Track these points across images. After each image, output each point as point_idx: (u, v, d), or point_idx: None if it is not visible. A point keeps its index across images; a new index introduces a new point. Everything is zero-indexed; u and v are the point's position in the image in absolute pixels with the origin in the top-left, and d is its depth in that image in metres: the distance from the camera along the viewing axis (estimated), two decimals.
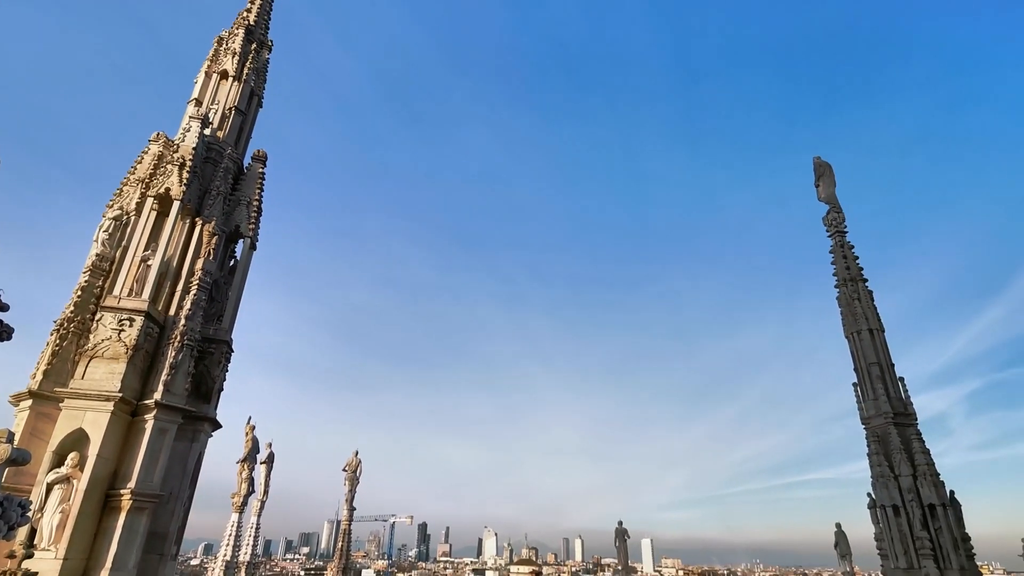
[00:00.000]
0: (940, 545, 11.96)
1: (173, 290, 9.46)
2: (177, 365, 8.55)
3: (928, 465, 12.75)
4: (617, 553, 25.28)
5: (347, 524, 21.25)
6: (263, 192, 11.00)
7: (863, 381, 14.27)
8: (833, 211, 15.97)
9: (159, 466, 8.20)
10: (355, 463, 21.68)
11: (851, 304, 14.78)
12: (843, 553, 23.90)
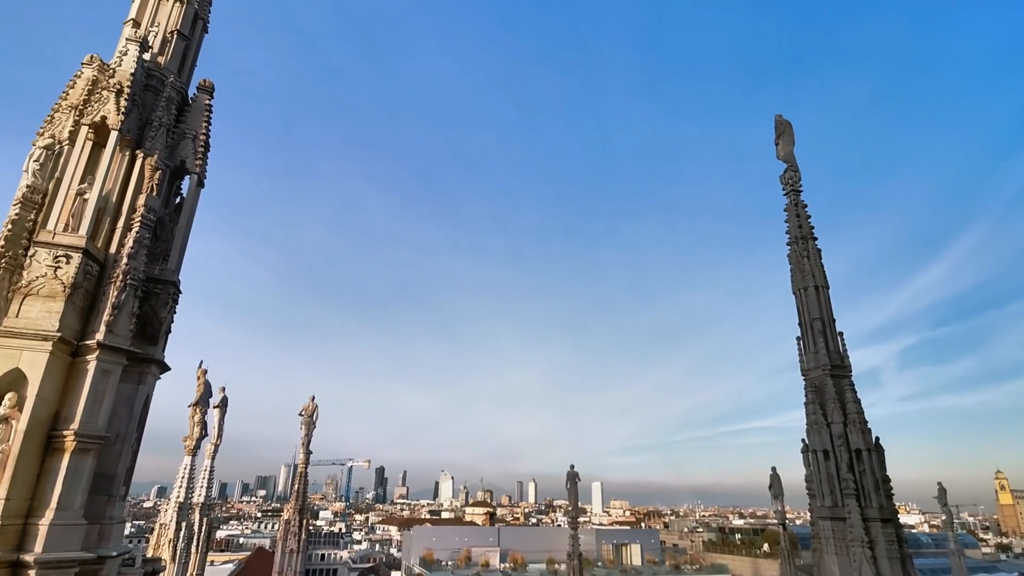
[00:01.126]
0: (863, 486, 12.95)
1: (113, 227, 8.95)
2: (120, 305, 8.19)
3: (858, 414, 13.65)
4: (568, 495, 26.35)
5: (303, 467, 21.42)
6: (210, 126, 10.40)
7: (806, 335, 14.99)
8: (790, 170, 16.32)
9: (104, 408, 7.96)
10: (311, 408, 21.69)
11: (800, 261, 15.36)
12: (776, 494, 25.79)
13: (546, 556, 62.38)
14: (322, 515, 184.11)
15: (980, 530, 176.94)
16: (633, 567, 64.92)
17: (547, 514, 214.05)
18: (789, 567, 25.33)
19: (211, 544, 23.24)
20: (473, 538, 73.14)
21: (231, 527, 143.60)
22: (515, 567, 61.41)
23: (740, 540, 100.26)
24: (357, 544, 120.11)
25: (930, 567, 60.22)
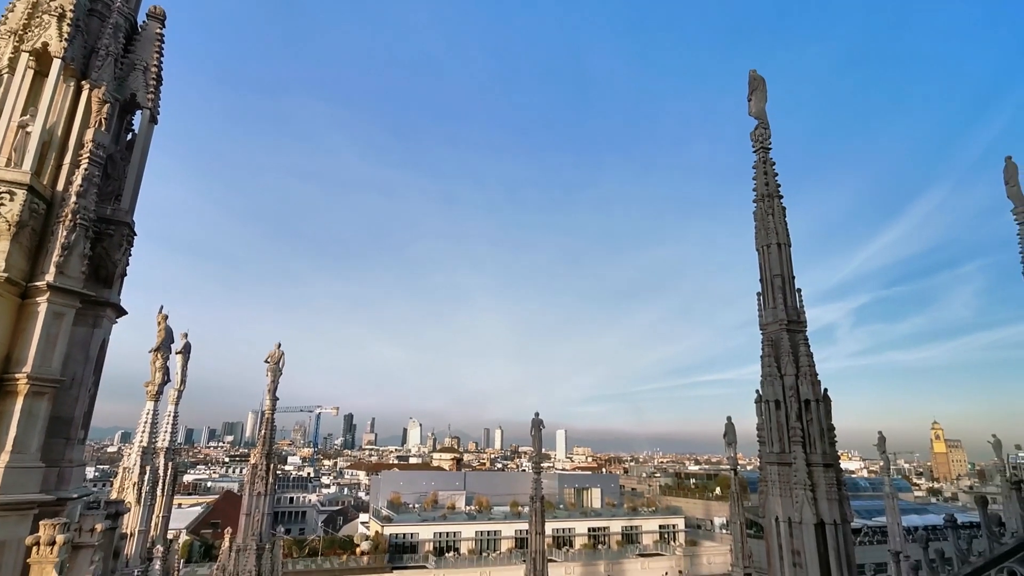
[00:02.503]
0: (809, 434, 13.67)
1: (60, 163, 8.49)
2: (70, 246, 7.87)
3: (810, 367, 14.26)
4: (532, 442, 27.14)
5: (270, 414, 21.46)
6: (162, 57, 9.80)
7: (766, 291, 15.40)
8: (761, 127, 16.34)
9: (57, 351, 7.76)
10: (277, 355, 21.57)
11: (765, 219, 15.59)
12: (730, 441, 27.15)
13: (510, 499, 64.77)
14: (290, 460, 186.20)
15: (914, 476, 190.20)
16: (593, 509, 68.02)
17: (512, 460, 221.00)
18: (738, 508, 26.94)
19: (177, 488, 23.36)
20: (440, 482, 75.29)
21: (198, 472, 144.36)
22: (480, 510, 63.71)
23: (694, 484, 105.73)
24: (326, 488, 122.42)
25: (866, 508, 64.79)
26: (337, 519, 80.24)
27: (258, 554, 19.52)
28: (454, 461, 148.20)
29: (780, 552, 13.69)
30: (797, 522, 13.38)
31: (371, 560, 50.52)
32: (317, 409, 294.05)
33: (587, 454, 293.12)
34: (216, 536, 47.19)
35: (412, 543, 55.55)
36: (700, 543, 63.34)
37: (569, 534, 61.22)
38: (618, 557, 57.37)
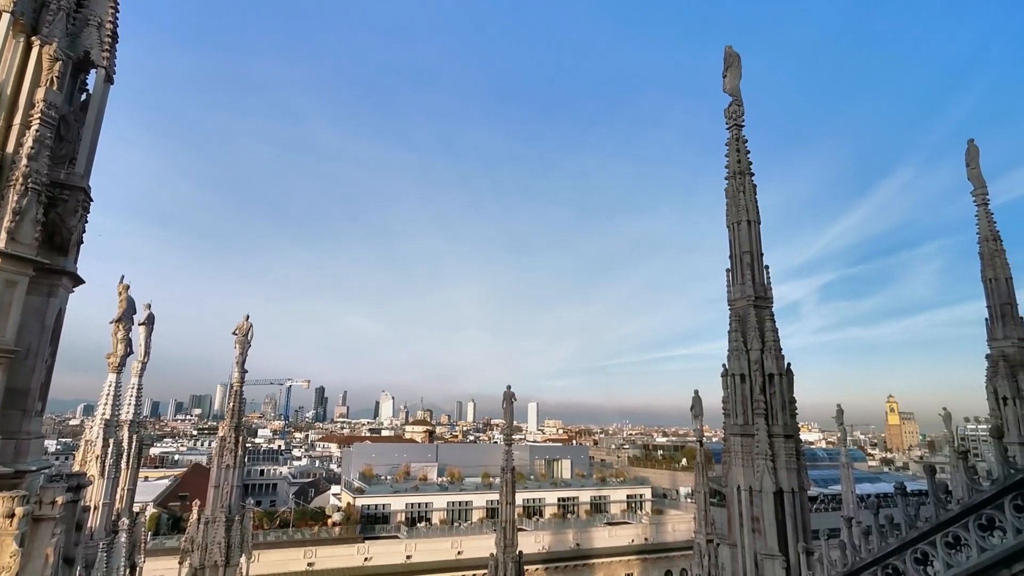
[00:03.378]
0: (771, 406, 14.13)
1: (9, 124, 8.03)
2: (22, 211, 7.50)
3: (775, 342, 14.67)
4: (504, 414, 27.40)
5: (239, 386, 21.17)
6: (118, 13, 9.28)
7: (735, 268, 15.70)
8: (735, 104, 16.44)
9: (11, 321, 7.45)
10: (246, 327, 21.18)
11: (736, 196, 15.81)
12: (696, 414, 27.89)
13: (482, 471, 65.70)
14: (261, 433, 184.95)
15: (869, 447, 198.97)
16: (563, 480, 69.51)
17: (485, 432, 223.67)
18: (702, 478, 27.86)
19: (143, 461, 22.99)
20: (412, 454, 75.85)
21: (165, 445, 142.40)
22: (452, 480, 64.53)
23: (662, 456, 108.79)
24: (297, 460, 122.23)
25: (823, 477, 67.68)
26: (309, 491, 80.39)
27: (227, 526, 19.43)
28: (426, 434, 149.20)
29: (740, 519, 14.25)
30: (757, 490, 13.91)
31: (343, 531, 50.91)
32: (288, 382, 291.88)
33: (558, 426, 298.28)
34: (184, 509, 46.89)
35: (384, 514, 56.10)
36: (666, 512, 65.45)
37: (539, 504, 62.55)
38: (586, 526, 58.93)
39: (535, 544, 52.68)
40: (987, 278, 19.66)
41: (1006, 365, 18.60)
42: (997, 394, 18.55)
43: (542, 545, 53.37)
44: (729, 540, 14.75)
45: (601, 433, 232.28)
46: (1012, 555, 9.05)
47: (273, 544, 46.50)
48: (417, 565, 48.06)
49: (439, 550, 49.79)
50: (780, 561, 13.22)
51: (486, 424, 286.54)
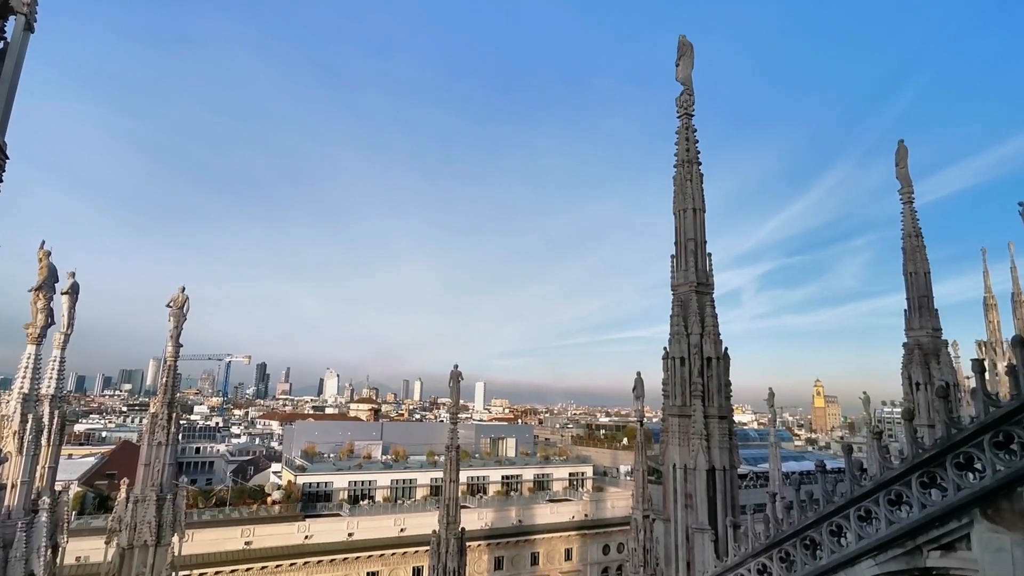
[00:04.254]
0: (708, 389, 14.72)
1: None
2: None
3: (714, 327, 15.24)
4: (451, 393, 27.46)
5: (172, 361, 20.29)
6: None
7: (679, 254, 16.16)
8: (686, 93, 16.76)
9: None
10: (181, 299, 20.26)
11: (683, 184, 16.22)
12: (638, 395, 28.75)
13: (427, 449, 65.80)
14: (197, 410, 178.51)
15: (796, 427, 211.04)
16: (507, 458, 70.54)
17: (431, 411, 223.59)
18: (641, 457, 28.86)
19: (66, 437, 21.80)
20: (356, 432, 75.06)
21: (92, 421, 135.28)
22: (396, 459, 64.37)
23: (604, 435, 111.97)
24: (236, 438, 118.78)
25: (753, 456, 71.40)
26: (247, 469, 78.40)
27: (159, 504, 18.77)
28: (372, 412, 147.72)
29: (675, 495, 14.89)
30: (692, 468, 14.55)
31: (283, 509, 50.07)
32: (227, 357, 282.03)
33: (505, 406, 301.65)
34: (112, 487, 44.84)
35: (326, 492, 55.48)
36: (606, 489, 67.58)
37: (483, 482, 63.32)
38: (529, 503, 60.15)
39: (478, 521, 53.40)
40: (908, 272, 21.01)
41: (920, 353, 20.05)
42: (911, 380, 20.01)
43: (485, 522, 54.19)
44: (664, 515, 15.40)
45: (546, 412, 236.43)
46: (917, 527, 9.85)
47: (208, 523, 45.25)
48: (359, 542, 47.93)
49: (382, 527, 49.78)
50: (709, 534, 13.93)
51: (433, 403, 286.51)
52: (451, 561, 23.55)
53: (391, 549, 48.72)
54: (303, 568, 45.56)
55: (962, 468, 9.51)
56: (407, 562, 49.50)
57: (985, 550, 9.05)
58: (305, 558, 45.36)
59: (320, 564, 46.12)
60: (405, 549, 49.12)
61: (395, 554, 48.86)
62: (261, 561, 43.81)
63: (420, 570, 47.85)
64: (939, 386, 13.36)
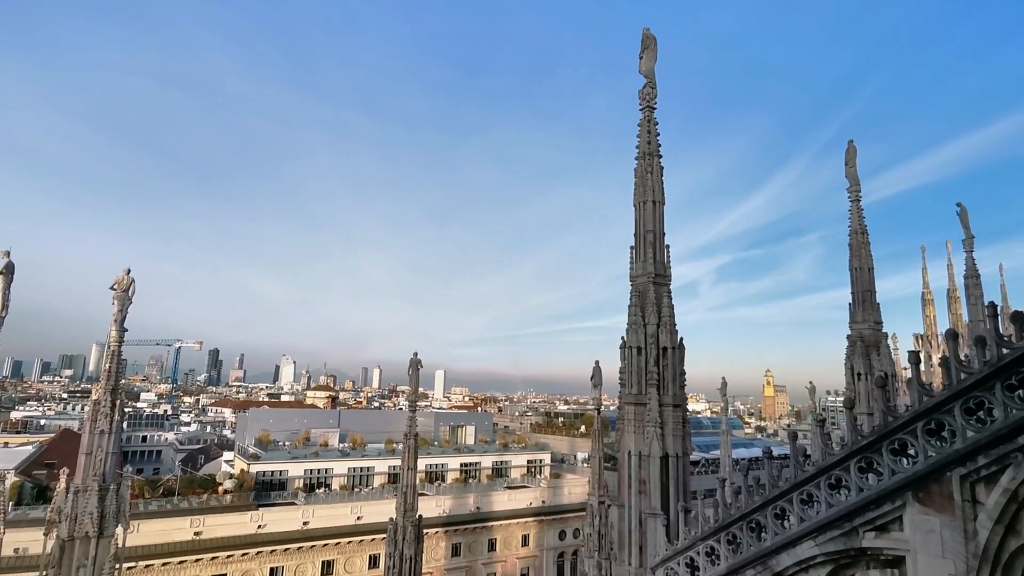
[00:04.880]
0: (663, 378, 15.06)
1: None
2: None
3: (670, 317, 15.57)
4: (410, 381, 27.27)
5: (116, 345, 19.44)
6: None
7: (639, 246, 16.41)
8: (648, 86, 16.93)
9: None
10: (126, 281, 19.38)
11: (644, 177, 16.43)
12: (596, 383, 29.11)
13: (386, 437, 65.32)
14: (144, 397, 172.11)
15: (747, 416, 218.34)
16: (466, 446, 70.71)
17: (390, 399, 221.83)
18: (598, 444, 29.35)
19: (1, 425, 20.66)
20: (313, 420, 73.83)
21: (30, 408, 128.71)
22: (354, 447, 63.67)
23: (562, 423, 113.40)
24: (185, 426, 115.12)
25: (706, 443, 73.69)
26: (198, 458, 76.17)
27: (101, 495, 18.02)
28: (329, 399, 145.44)
29: (629, 481, 15.23)
30: (646, 455, 14.90)
31: (235, 498, 48.87)
32: (177, 343, 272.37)
33: (465, 394, 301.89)
34: (51, 477, 42.89)
35: (281, 480, 54.43)
36: (563, 476, 68.59)
37: (442, 469, 63.33)
38: (487, 490, 60.53)
39: (436, 508, 53.46)
40: (853, 267, 21.92)
41: (862, 345, 21.00)
42: (853, 370, 20.96)
43: (443, 509, 54.28)
44: (619, 501, 15.75)
45: (506, 401, 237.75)
46: (854, 510, 10.36)
47: (155, 513, 43.81)
48: (314, 531, 47.31)
49: (338, 516, 49.24)
50: (661, 519, 14.32)
51: (392, 391, 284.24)
52: (408, 548, 23.51)
53: (347, 537, 48.30)
54: (256, 558, 44.72)
55: (897, 454, 10.04)
56: (363, 550, 49.20)
57: (916, 531, 9.60)
58: (258, 548, 44.52)
59: (274, 554, 45.37)
60: (362, 537, 48.77)
61: (351, 542, 48.48)
62: (211, 552, 42.78)
63: (376, 558, 47.65)
64: (878, 376, 14.04)
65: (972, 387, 9.07)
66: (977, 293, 32.97)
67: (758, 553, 11.81)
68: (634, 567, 14.58)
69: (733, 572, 12.24)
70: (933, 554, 9.32)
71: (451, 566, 53.31)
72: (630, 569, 14.65)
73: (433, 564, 51.41)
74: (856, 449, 10.49)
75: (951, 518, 9.14)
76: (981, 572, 8.80)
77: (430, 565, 50.16)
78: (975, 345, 9.20)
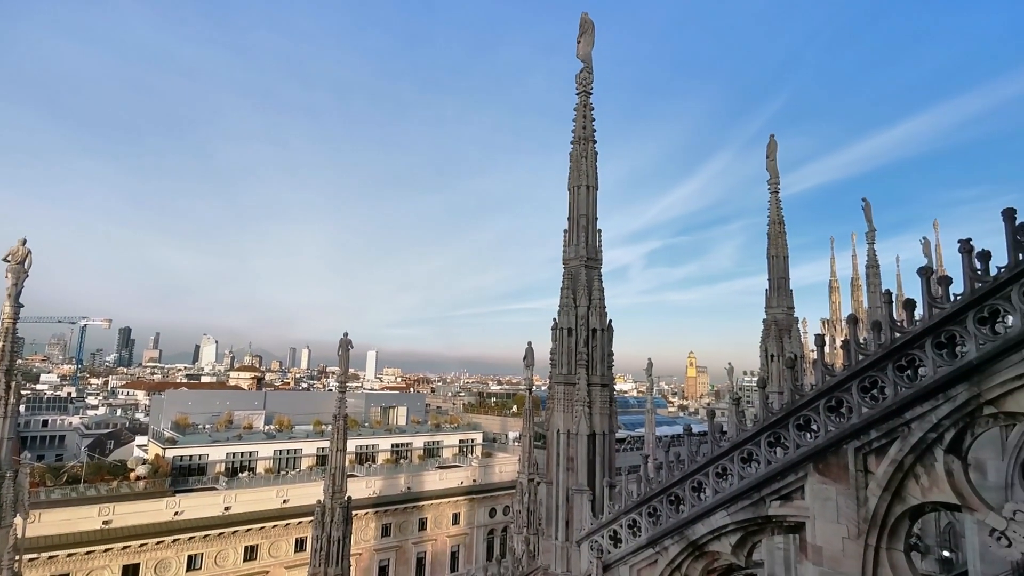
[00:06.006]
0: (592, 358, 15.50)
1: None
2: None
3: (600, 300, 15.99)
4: (340, 361, 26.70)
5: (11, 323, 17.86)
6: None
7: (572, 229, 16.67)
8: (585, 71, 17.07)
9: None
10: (22, 252, 17.75)
11: (579, 161, 16.65)
12: (528, 364, 29.62)
13: (314, 419, 63.73)
14: (44, 378, 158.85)
15: (671, 395, 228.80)
16: (398, 427, 70.18)
17: (319, 380, 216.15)
18: (529, 423, 29.95)
19: None
20: (237, 402, 70.72)
21: None
22: (281, 429, 61.72)
23: (495, 403, 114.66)
24: (92, 409, 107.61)
25: (632, 422, 76.76)
26: (107, 443, 71.39)
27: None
28: (254, 380, 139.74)
29: (558, 459, 15.65)
30: (574, 433, 15.33)
31: (149, 485, 46.35)
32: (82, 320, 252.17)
33: (397, 375, 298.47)
34: None
35: (200, 465, 52.03)
36: (495, 455, 69.50)
37: (373, 450, 62.64)
38: (418, 470, 60.49)
39: (366, 489, 52.94)
40: (770, 255, 23.29)
41: (776, 329, 22.45)
42: (767, 352, 22.40)
43: (373, 490, 53.82)
44: (547, 478, 16.15)
45: (439, 381, 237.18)
46: (763, 481, 11.13)
47: (59, 502, 40.89)
48: (236, 516, 45.71)
49: (263, 500, 47.78)
50: (587, 495, 14.84)
51: (321, 372, 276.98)
52: (336, 530, 23.18)
53: (272, 522, 47.03)
54: (172, 546, 42.76)
55: (802, 429, 10.84)
56: (289, 534, 48.10)
57: (815, 499, 10.45)
58: (174, 535, 42.56)
59: (192, 541, 43.53)
60: (288, 521, 47.64)
61: (276, 526, 47.26)
62: (122, 540, 40.51)
63: (303, 541, 46.73)
64: (788, 357, 15.13)
65: (867, 367, 9.90)
66: (876, 282, 35.90)
67: (676, 523, 12.48)
68: (560, 541, 15.05)
69: (653, 542, 12.89)
70: (829, 519, 10.19)
71: (381, 546, 53.13)
72: (556, 543, 15.11)
73: (363, 545, 51.04)
74: (766, 425, 11.24)
75: (846, 487, 9.99)
76: (870, 534, 9.71)
77: (359, 546, 49.77)
78: (872, 329, 10.02)
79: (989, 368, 8.52)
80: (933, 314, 9.21)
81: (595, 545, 14.19)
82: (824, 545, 10.21)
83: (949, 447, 9.14)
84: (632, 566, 13.39)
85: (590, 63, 17.33)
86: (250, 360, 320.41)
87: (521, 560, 18.14)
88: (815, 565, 10.30)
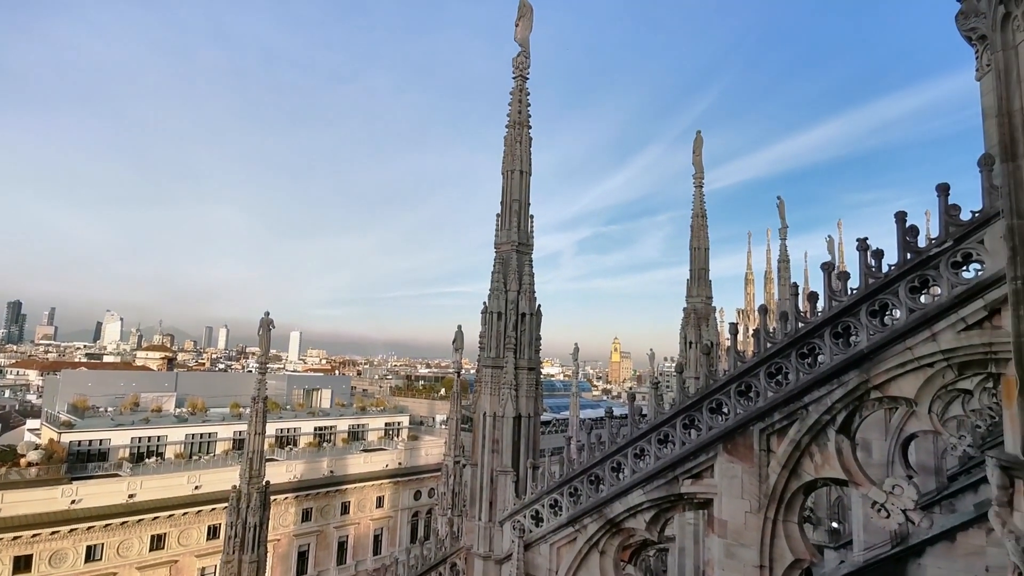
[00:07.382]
0: (520, 342, 15.71)
1: None
2: None
3: (530, 285, 16.18)
4: (260, 342, 25.65)
5: None
6: None
7: (504, 214, 16.69)
8: (523, 55, 17.00)
9: None
10: None
11: (513, 146, 16.64)
12: (457, 347, 29.69)
13: (231, 401, 60.91)
14: None
15: (595, 379, 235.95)
16: (322, 410, 68.36)
17: (238, 361, 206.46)
18: (456, 406, 30.04)
19: None
20: (144, 384, 66.30)
21: None
22: (194, 412, 58.54)
23: (423, 386, 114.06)
24: None
25: (558, 405, 78.58)
26: None
27: None
28: (165, 361, 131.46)
29: (483, 441, 15.79)
30: (501, 416, 15.50)
31: (42, 472, 42.80)
32: None
33: (322, 356, 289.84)
34: None
35: (101, 451, 48.52)
36: (421, 438, 69.20)
37: (294, 434, 60.77)
38: (342, 454, 59.30)
39: (287, 473, 51.40)
40: (692, 247, 24.35)
41: (695, 317, 23.58)
42: (686, 339, 23.51)
43: (294, 474, 52.31)
44: (472, 460, 16.28)
45: (366, 364, 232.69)
46: (677, 461, 11.74)
47: None
48: (141, 504, 43.08)
49: (172, 486, 45.28)
50: (511, 476, 15.09)
51: (240, 352, 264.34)
52: (252, 516, 22.39)
53: (182, 509, 44.74)
54: (69, 536, 39.84)
55: (714, 412, 11.51)
56: (201, 521, 45.97)
57: (723, 477, 11.14)
58: (71, 525, 39.65)
59: (92, 531, 40.71)
60: (200, 508, 45.47)
61: (187, 514, 45.01)
62: (11, 531, 37.32)
63: (217, 528, 44.76)
64: (704, 344, 15.93)
65: (774, 355, 10.62)
66: (787, 275, 38.38)
67: (595, 503, 12.96)
68: (484, 521, 15.25)
69: (573, 520, 13.33)
70: (734, 495, 10.91)
71: (301, 531, 51.84)
72: (480, 524, 15.30)
73: (281, 530, 49.61)
74: (681, 408, 11.84)
75: (750, 465, 10.72)
76: (769, 508, 10.49)
77: (278, 532, 48.34)
78: (779, 320, 10.74)
79: (877, 356, 9.38)
80: (832, 306, 10.01)
81: (517, 525, 14.49)
82: (729, 519, 10.93)
83: (840, 428, 9.99)
84: (552, 544, 13.80)
85: (527, 47, 17.27)
86: (160, 339, 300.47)
87: (444, 541, 18.24)
88: (720, 538, 11.01)
